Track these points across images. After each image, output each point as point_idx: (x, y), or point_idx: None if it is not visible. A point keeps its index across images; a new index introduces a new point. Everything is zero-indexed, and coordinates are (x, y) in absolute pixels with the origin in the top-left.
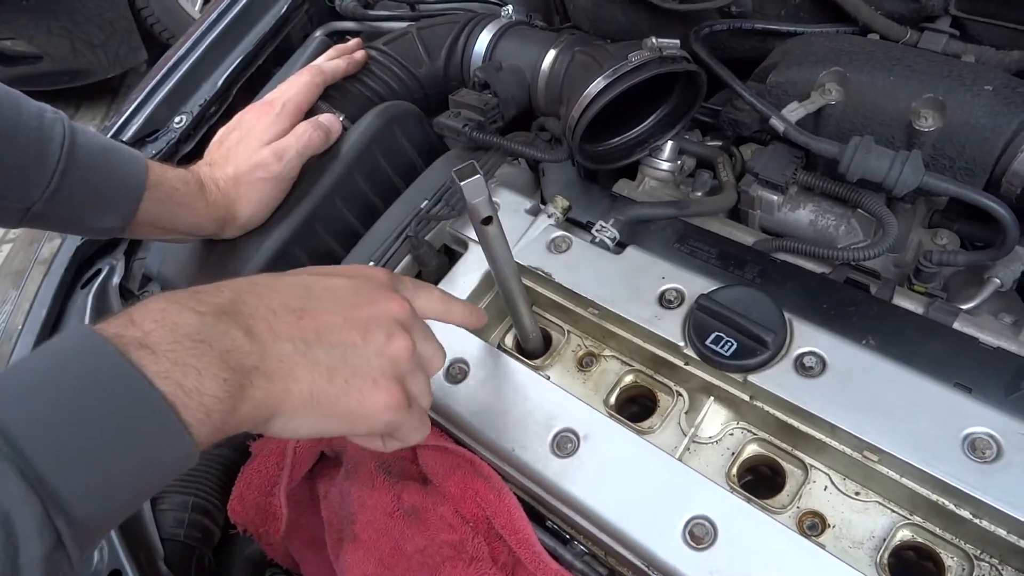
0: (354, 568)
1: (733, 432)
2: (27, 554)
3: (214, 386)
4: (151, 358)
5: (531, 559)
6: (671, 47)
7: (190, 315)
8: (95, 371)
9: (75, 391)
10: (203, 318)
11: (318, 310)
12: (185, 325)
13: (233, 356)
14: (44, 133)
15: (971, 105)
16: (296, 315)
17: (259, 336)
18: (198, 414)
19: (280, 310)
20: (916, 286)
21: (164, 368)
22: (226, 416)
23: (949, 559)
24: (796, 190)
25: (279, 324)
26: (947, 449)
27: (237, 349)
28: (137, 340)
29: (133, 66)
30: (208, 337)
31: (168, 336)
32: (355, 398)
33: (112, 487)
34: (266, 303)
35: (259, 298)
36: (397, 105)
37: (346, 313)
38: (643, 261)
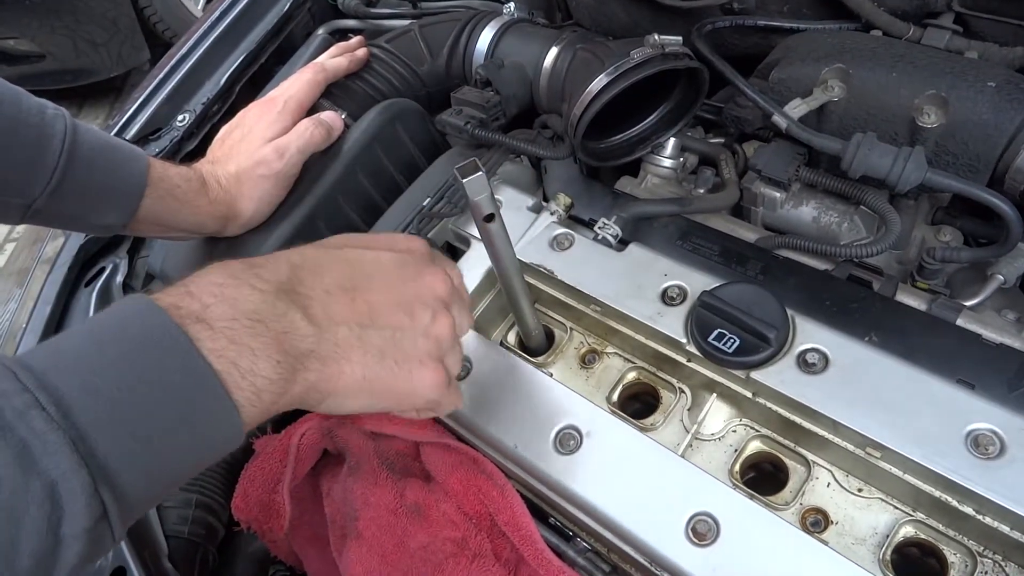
0: (357, 565)
1: (736, 429)
2: (71, 525)
3: (268, 368)
4: (208, 333)
5: (534, 556)
6: (673, 44)
7: (249, 291)
8: (151, 343)
9: (130, 362)
10: (263, 296)
11: (369, 289)
12: (244, 301)
13: (289, 339)
14: (45, 129)
15: (974, 101)
16: (349, 296)
17: (316, 319)
18: (249, 394)
19: (334, 290)
20: (919, 283)
21: (220, 346)
22: (276, 397)
23: (952, 556)
24: (799, 187)
25: (334, 306)
26: (950, 445)
27: (294, 331)
28: (195, 314)
29: (136, 65)
30: (266, 317)
31: (227, 312)
32: (404, 379)
33: (160, 462)
34: (321, 282)
35: (315, 276)
36: (399, 103)
37: (395, 292)
38: (645, 258)
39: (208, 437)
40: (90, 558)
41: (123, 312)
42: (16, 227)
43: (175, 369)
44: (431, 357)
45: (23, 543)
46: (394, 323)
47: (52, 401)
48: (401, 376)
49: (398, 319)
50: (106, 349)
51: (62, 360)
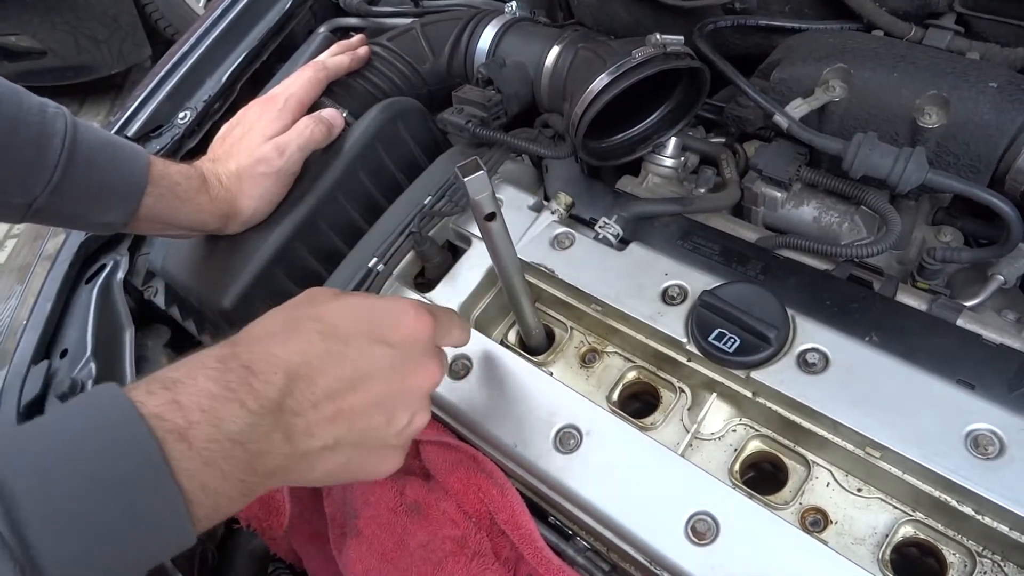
0: (357, 563)
1: (736, 428)
2: None
3: (232, 488)
4: (186, 454)
5: (533, 555)
6: (675, 43)
7: (238, 410)
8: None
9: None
10: (251, 417)
11: (357, 391)
12: (230, 422)
13: (262, 460)
14: (46, 128)
15: (976, 102)
16: (335, 407)
17: (295, 439)
18: (208, 510)
19: (322, 401)
20: (919, 283)
21: (194, 467)
22: (231, 509)
23: (951, 556)
24: (799, 187)
25: (316, 420)
26: (950, 446)
27: (270, 451)
28: (178, 430)
29: (137, 62)
30: (247, 439)
31: (210, 433)
32: (359, 473)
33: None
34: (312, 393)
35: (308, 385)
36: (400, 101)
37: (380, 394)
38: (646, 258)
39: (159, 546)
40: None
41: (100, 415)
42: (16, 224)
43: (143, 487)
44: (400, 450)
45: None
46: (369, 425)
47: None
48: (359, 469)
49: (375, 422)
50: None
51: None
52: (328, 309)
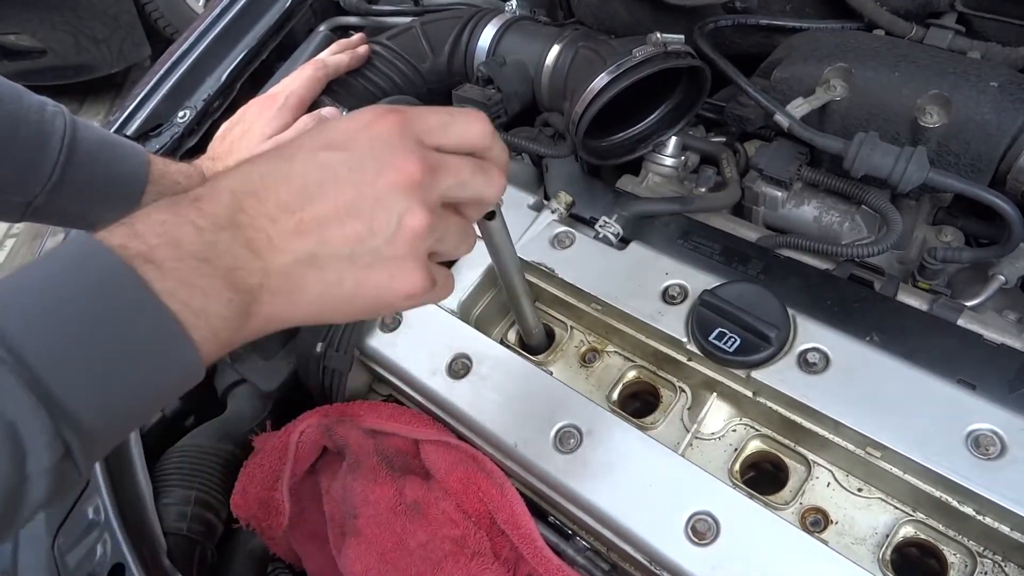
0: (356, 562)
1: (736, 428)
2: (35, 463)
3: (220, 307)
4: (156, 274)
5: (533, 554)
6: (676, 43)
7: (191, 231)
8: (102, 283)
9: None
10: (203, 235)
11: (318, 202)
12: (187, 242)
13: (238, 275)
14: (45, 127)
15: (977, 101)
16: (295, 218)
17: (260, 251)
18: (206, 333)
19: (279, 215)
20: (920, 283)
21: (170, 287)
22: (233, 333)
23: (952, 556)
24: (800, 186)
25: (279, 234)
26: (951, 446)
27: (241, 267)
28: (142, 254)
29: (137, 61)
30: (211, 256)
31: (172, 253)
32: (371, 296)
33: (120, 400)
34: (264, 208)
35: (257, 201)
36: (400, 99)
37: (346, 201)
38: (646, 257)
39: (169, 373)
40: (57, 493)
41: (70, 253)
42: (16, 223)
43: (129, 309)
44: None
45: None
46: (349, 237)
47: (3, 344)
48: (367, 293)
49: (354, 231)
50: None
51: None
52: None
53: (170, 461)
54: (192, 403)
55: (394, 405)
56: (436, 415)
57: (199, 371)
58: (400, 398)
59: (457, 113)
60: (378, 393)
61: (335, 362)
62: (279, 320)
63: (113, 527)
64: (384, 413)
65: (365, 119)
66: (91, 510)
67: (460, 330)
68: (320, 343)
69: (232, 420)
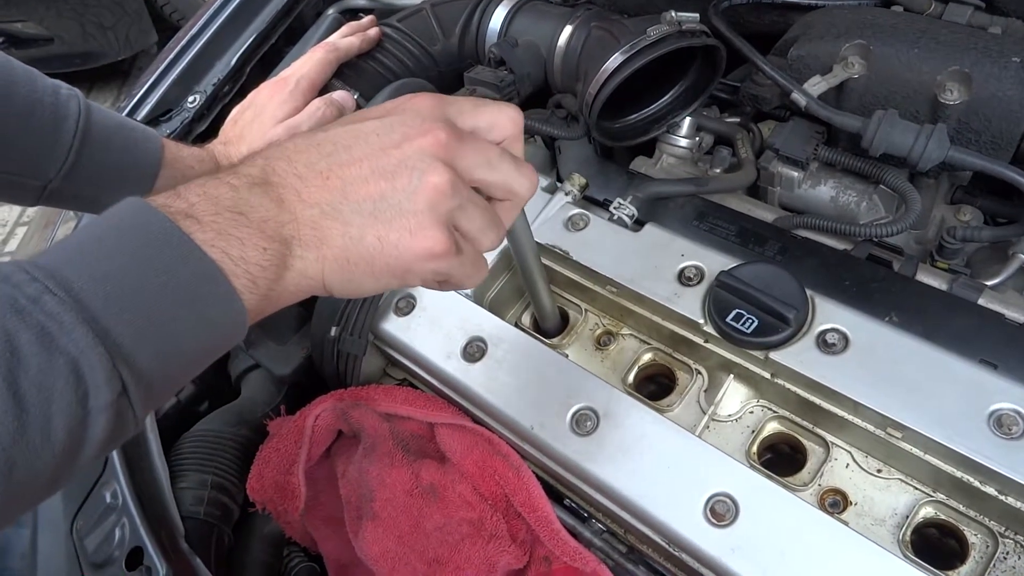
0: (373, 545)
1: (753, 410)
2: (96, 398)
3: (256, 255)
4: (197, 227)
5: (550, 537)
6: (690, 21)
7: (227, 189)
8: (149, 236)
9: (131, 252)
10: (237, 192)
11: (345, 164)
12: (224, 198)
13: (269, 226)
14: (60, 109)
15: (998, 78)
16: (323, 176)
17: (289, 205)
18: (244, 281)
19: (307, 174)
20: (939, 262)
21: (210, 237)
22: (271, 284)
23: (973, 536)
24: (817, 166)
25: (306, 189)
26: (973, 425)
27: (272, 219)
28: (183, 211)
29: (143, 48)
30: (245, 210)
31: (210, 208)
32: (391, 253)
33: (172, 344)
34: (293, 168)
35: (288, 163)
36: (412, 82)
37: (373, 161)
38: (662, 238)
39: (214, 320)
40: (114, 436)
41: (118, 212)
42: (27, 211)
43: (175, 258)
44: (426, 218)
45: (56, 417)
46: (371, 193)
47: (62, 287)
48: (388, 251)
49: (376, 187)
50: (107, 243)
51: (68, 253)
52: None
53: (186, 446)
54: (206, 388)
55: (409, 389)
56: (451, 398)
57: (243, 321)
58: (415, 382)
59: (491, 101)
60: (392, 377)
61: (349, 346)
62: (311, 276)
63: (131, 511)
64: (399, 397)
65: (402, 98)
66: (109, 494)
67: (475, 313)
68: (334, 327)
69: (246, 405)
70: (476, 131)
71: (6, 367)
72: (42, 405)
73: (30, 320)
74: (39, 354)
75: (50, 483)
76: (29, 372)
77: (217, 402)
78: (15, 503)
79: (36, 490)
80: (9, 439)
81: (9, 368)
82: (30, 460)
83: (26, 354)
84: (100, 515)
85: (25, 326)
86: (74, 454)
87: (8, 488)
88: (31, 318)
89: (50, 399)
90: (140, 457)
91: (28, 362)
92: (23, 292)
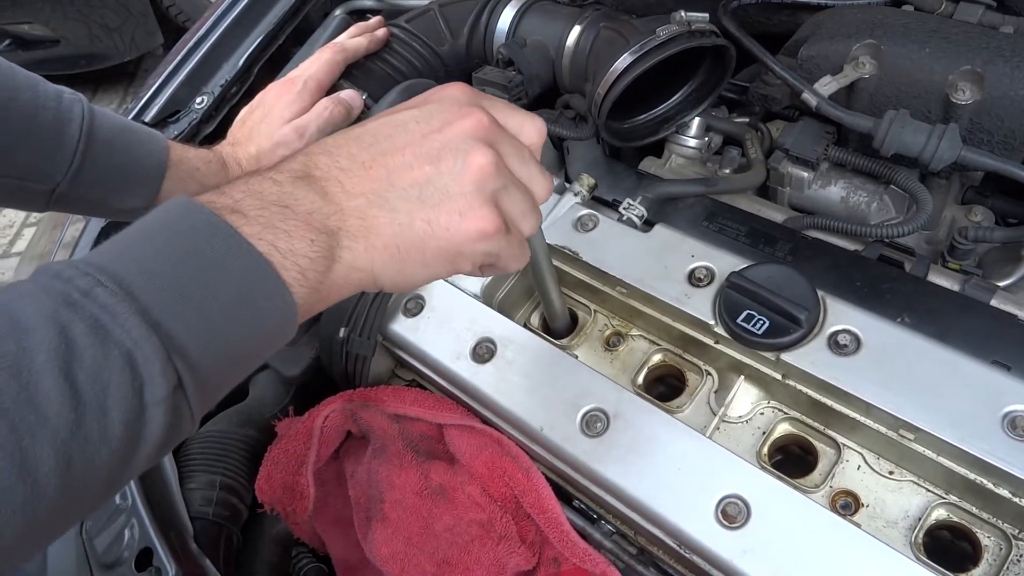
0: (383, 546)
1: (764, 412)
2: (152, 392)
3: (304, 247)
4: (243, 220)
5: (559, 538)
6: (700, 21)
7: (271, 184)
8: (197, 231)
9: (181, 247)
10: (281, 186)
11: (387, 153)
12: (268, 193)
13: (315, 218)
14: (63, 114)
15: (1011, 77)
16: (365, 167)
17: (333, 197)
18: (294, 273)
19: (350, 166)
20: (950, 263)
21: (257, 230)
22: (320, 277)
23: (986, 538)
24: (827, 166)
25: (350, 180)
26: (986, 427)
27: (317, 211)
28: (229, 207)
29: (149, 50)
30: (290, 203)
31: (256, 203)
32: (442, 236)
33: (225, 337)
34: (336, 162)
35: (330, 157)
36: (420, 83)
37: (414, 148)
38: (672, 239)
39: (266, 313)
40: (172, 433)
41: (166, 209)
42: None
43: (224, 251)
44: (471, 203)
45: (112, 410)
46: (416, 179)
47: (113, 281)
48: (439, 234)
49: (421, 172)
50: (156, 239)
51: (116, 250)
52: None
53: (194, 446)
54: None
55: (418, 390)
56: (460, 400)
57: (293, 314)
58: (423, 383)
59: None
60: (401, 378)
61: (358, 347)
62: (361, 268)
63: (140, 512)
64: (408, 398)
65: (435, 88)
66: (118, 495)
67: (484, 314)
68: (343, 328)
69: (255, 406)
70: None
71: (62, 359)
72: (98, 397)
73: (83, 312)
74: (93, 345)
75: (107, 485)
76: (84, 363)
77: (225, 403)
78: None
79: (93, 490)
80: (68, 431)
81: (64, 360)
82: (88, 455)
83: (81, 345)
84: (109, 516)
85: (79, 318)
86: (131, 451)
87: (66, 484)
88: (84, 310)
89: (106, 391)
90: None
91: (83, 353)
92: (75, 286)
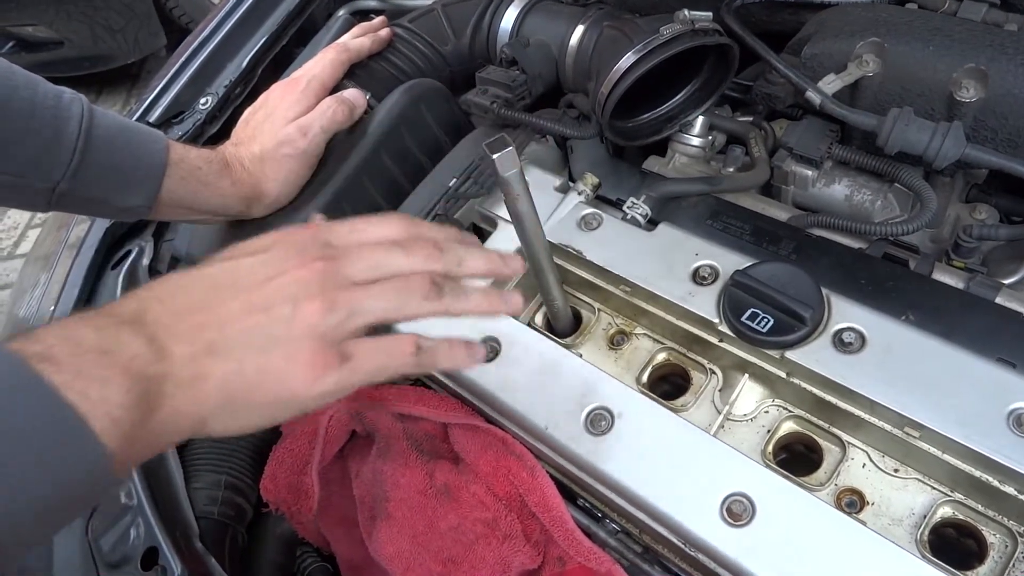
0: (387, 546)
1: (768, 410)
2: None
3: (119, 395)
4: (53, 369)
5: (564, 537)
6: (703, 20)
7: (90, 330)
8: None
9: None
10: (102, 332)
11: (219, 302)
12: (87, 339)
13: (136, 364)
14: (62, 112)
15: (1015, 75)
16: (197, 317)
17: (162, 343)
18: (105, 423)
19: (183, 312)
20: (955, 261)
21: (67, 379)
22: (136, 426)
23: (991, 536)
24: (831, 165)
25: (180, 326)
26: (992, 424)
27: (140, 357)
28: (38, 354)
29: (152, 51)
30: (111, 349)
31: (71, 350)
32: (273, 382)
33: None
34: (169, 308)
35: (162, 303)
36: (424, 83)
37: (248, 295)
38: (676, 238)
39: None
40: None
41: None
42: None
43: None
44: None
45: None
46: (250, 325)
47: None
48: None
49: (252, 320)
50: None
51: None
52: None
53: (199, 446)
54: None
55: (422, 389)
56: (464, 398)
57: (106, 465)
58: (428, 382)
59: (373, 218)
60: (405, 377)
61: None
62: (187, 415)
63: (146, 511)
64: (412, 397)
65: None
66: (123, 495)
67: None
68: None
69: None
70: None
71: None
72: None
73: None
74: None
75: None
76: None
77: None
78: None
79: None
80: None
81: None
82: None
83: None
84: (115, 515)
85: None
86: None
87: None
88: None
89: None
90: (155, 458)
91: None
92: None
